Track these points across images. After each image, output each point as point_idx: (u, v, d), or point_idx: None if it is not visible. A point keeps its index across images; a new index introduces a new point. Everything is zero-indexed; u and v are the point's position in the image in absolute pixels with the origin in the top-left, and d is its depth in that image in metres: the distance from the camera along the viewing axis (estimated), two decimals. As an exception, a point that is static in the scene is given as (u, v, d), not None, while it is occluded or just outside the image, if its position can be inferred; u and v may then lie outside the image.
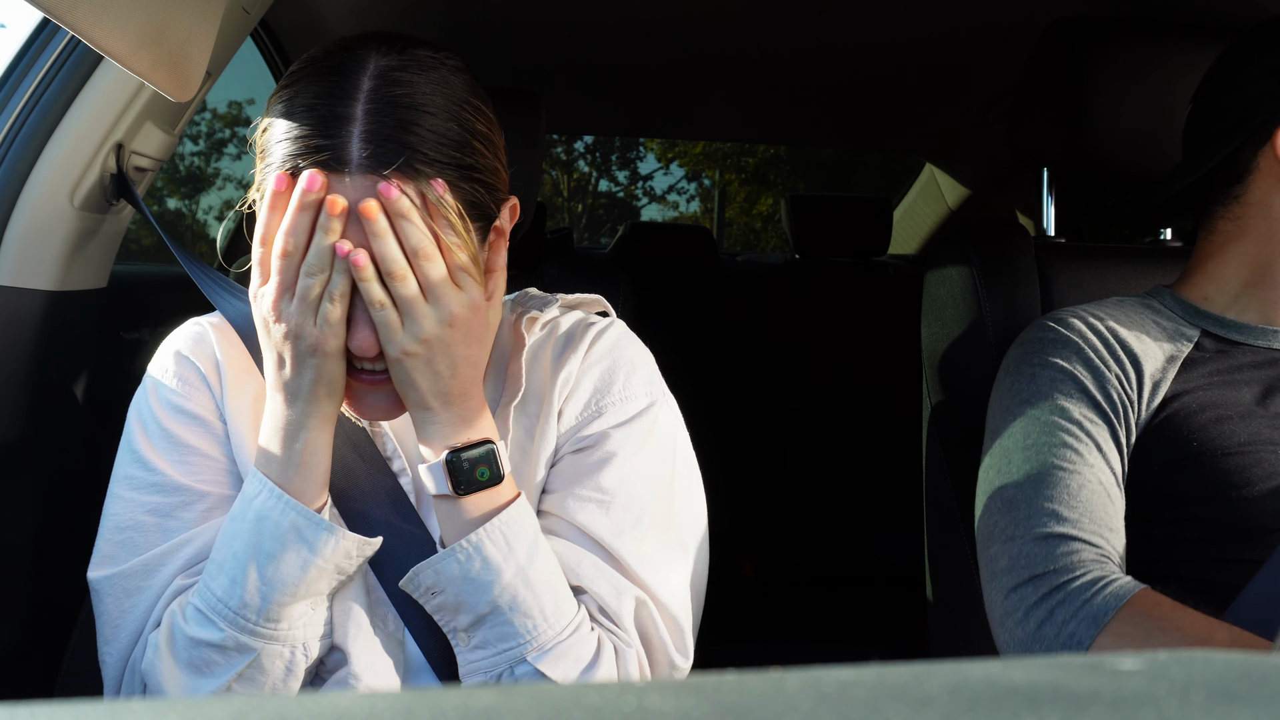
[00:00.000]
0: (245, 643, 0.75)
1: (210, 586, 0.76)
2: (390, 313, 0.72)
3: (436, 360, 0.74)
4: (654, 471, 0.85)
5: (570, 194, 13.50)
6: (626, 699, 0.23)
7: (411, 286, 0.72)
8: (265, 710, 0.23)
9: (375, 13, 1.79)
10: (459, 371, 0.75)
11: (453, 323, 0.73)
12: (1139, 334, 1.03)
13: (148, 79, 0.90)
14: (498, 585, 0.75)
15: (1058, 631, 0.86)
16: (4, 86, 1.12)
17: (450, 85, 0.74)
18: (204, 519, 0.82)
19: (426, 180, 0.71)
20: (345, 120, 0.70)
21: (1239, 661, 0.25)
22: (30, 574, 1.16)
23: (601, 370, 0.87)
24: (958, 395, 1.27)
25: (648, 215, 14.13)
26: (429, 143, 0.71)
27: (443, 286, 0.73)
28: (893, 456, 2.58)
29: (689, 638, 0.81)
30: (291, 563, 0.74)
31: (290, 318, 0.72)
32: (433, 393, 0.75)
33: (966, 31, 1.86)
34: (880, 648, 2.23)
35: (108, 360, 1.41)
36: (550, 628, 0.75)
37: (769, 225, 12.17)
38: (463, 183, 0.74)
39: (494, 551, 0.75)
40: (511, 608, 0.75)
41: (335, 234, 0.70)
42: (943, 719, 0.21)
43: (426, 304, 0.72)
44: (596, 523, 0.81)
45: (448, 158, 0.72)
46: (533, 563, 0.76)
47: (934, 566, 1.31)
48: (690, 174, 13.68)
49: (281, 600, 0.74)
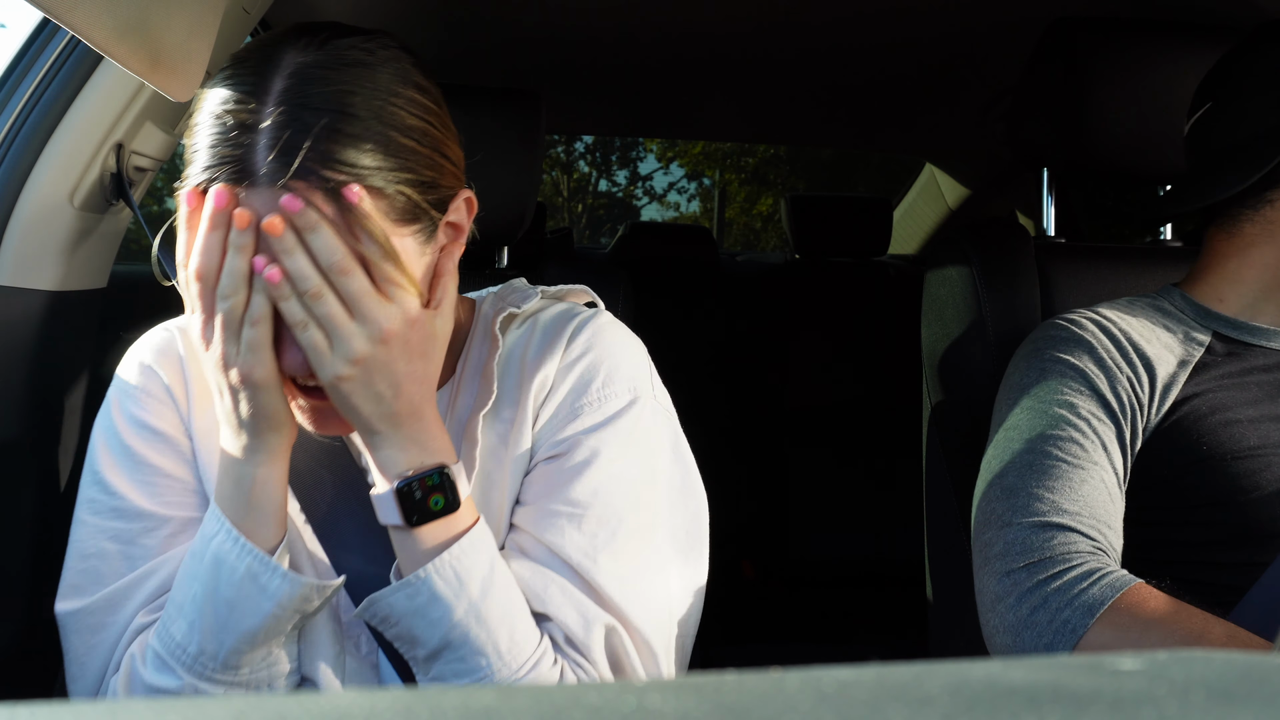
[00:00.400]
0: (203, 689, 0.72)
1: (170, 629, 0.73)
2: (315, 333, 0.67)
3: (375, 381, 0.69)
4: (634, 476, 0.79)
5: (570, 194, 13.49)
6: (626, 699, 0.23)
7: (331, 304, 0.66)
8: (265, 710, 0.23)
9: (375, 13, 1.79)
10: (403, 390, 0.70)
11: (385, 339, 0.68)
12: (1151, 337, 1.02)
13: (147, 79, 0.90)
14: (448, 622, 0.71)
15: (1051, 619, 0.85)
16: (4, 86, 1.12)
17: (375, 79, 0.69)
18: (168, 545, 0.79)
19: (340, 188, 0.66)
20: (252, 128, 0.65)
21: (1239, 661, 0.25)
22: (30, 574, 1.16)
23: (582, 368, 0.82)
24: (958, 395, 1.27)
25: (648, 215, 14.14)
26: (342, 147, 0.66)
27: (367, 301, 0.67)
28: (893, 456, 2.59)
29: (664, 661, 0.77)
30: (249, 611, 0.71)
31: (216, 346, 0.68)
32: (377, 416, 0.70)
33: (966, 31, 1.86)
34: (880, 648, 2.22)
35: (108, 360, 1.41)
36: (505, 666, 0.71)
37: (769, 225, 12.17)
38: (388, 185, 0.68)
39: (444, 588, 0.71)
40: (463, 644, 0.71)
41: (247, 251, 0.66)
42: (943, 719, 0.21)
43: (353, 322, 0.67)
44: (568, 541, 0.76)
45: (366, 161, 0.67)
46: (486, 597, 0.72)
47: (934, 566, 1.31)
48: (690, 174, 13.68)
49: (240, 648, 0.71)
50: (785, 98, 2.47)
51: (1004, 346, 1.21)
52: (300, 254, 0.65)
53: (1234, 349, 1.02)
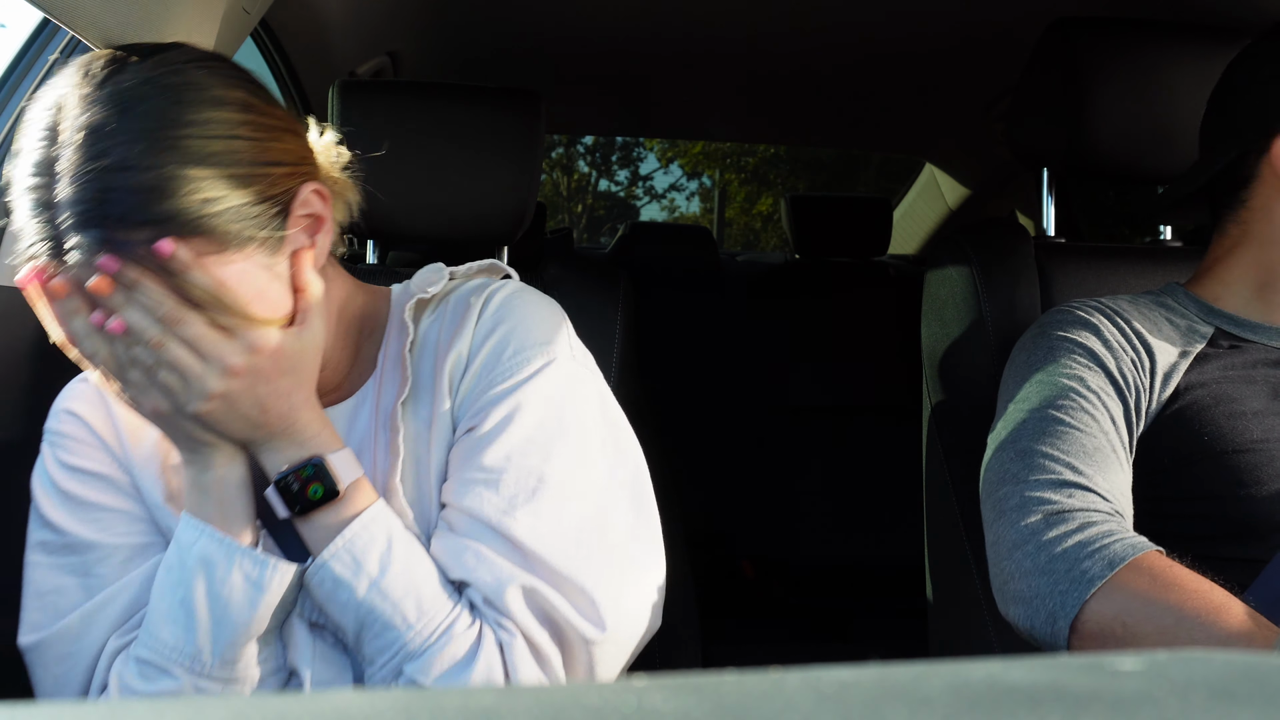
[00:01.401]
0: (204, 687, 0.73)
1: (158, 637, 0.74)
2: (167, 376, 0.69)
3: (237, 407, 0.71)
4: (550, 434, 0.78)
5: (570, 194, 13.49)
6: (626, 699, 0.23)
7: (175, 350, 0.68)
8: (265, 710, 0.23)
9: (374, 13, 1.79)
10: (269, 408, 0.72)
11: (236, 372, 0.70)
12: (1152, 326, 1.03)
13: (148, 79, 0.90)
14: (354, 602, 0.73)
15: (1070, 568, 0.83)
16: (4, 86, 1.12)
17: (162, 116, 0.67)
18: (123, 571, 0.80)
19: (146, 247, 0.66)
20: (52, 205, 0.66)
21: (1239, 661, 0.25)
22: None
23: (495, 340, 0.81)
24: (958, 395, 1.27)
25: (648, 215, 14.14)
26: (143, 202, 0.66)
27: (207, 343, 0.69)
28: (892, 457, 2.59)
29: (604, 605, 0.75)
30: (241, 604, 0.72)
31: (121, 393, 0.72)
32: (247, 432, 0.73)
33: (966, 31, 1.86)
34: (880, 648, 2.23)
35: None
36: (416, 635, 0.73)
37: (769, 225, 12.17)
38: (203, 221, 0.67)
39: (342, 569, 0.73)
40: (374, 620, 0.73)
41: (83, 312, 0.68)
42: (943, 719, 0.21)
43: (201, 362, 0.69)
44: (485, 504, 0.76)
45: (170, 207, 0.66)
46: (385, 573, 0.73)
47: (934, 566, 1.31)
48: (690, 174, 13.68)
49: (236, 642, 0.73)
50: (785, 98, 2.47)
51: (1004, 346, 1.21)
52: (133, 308, 0.67)
53: (1237, 344, 1.02)
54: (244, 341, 0.70)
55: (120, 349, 0.69)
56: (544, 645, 0.74)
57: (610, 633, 0.75)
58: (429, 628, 0.73)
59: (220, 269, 0.69)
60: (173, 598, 0.73)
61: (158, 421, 0.73)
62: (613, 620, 0.75)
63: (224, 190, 0.68)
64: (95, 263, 0.65)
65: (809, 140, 3.45)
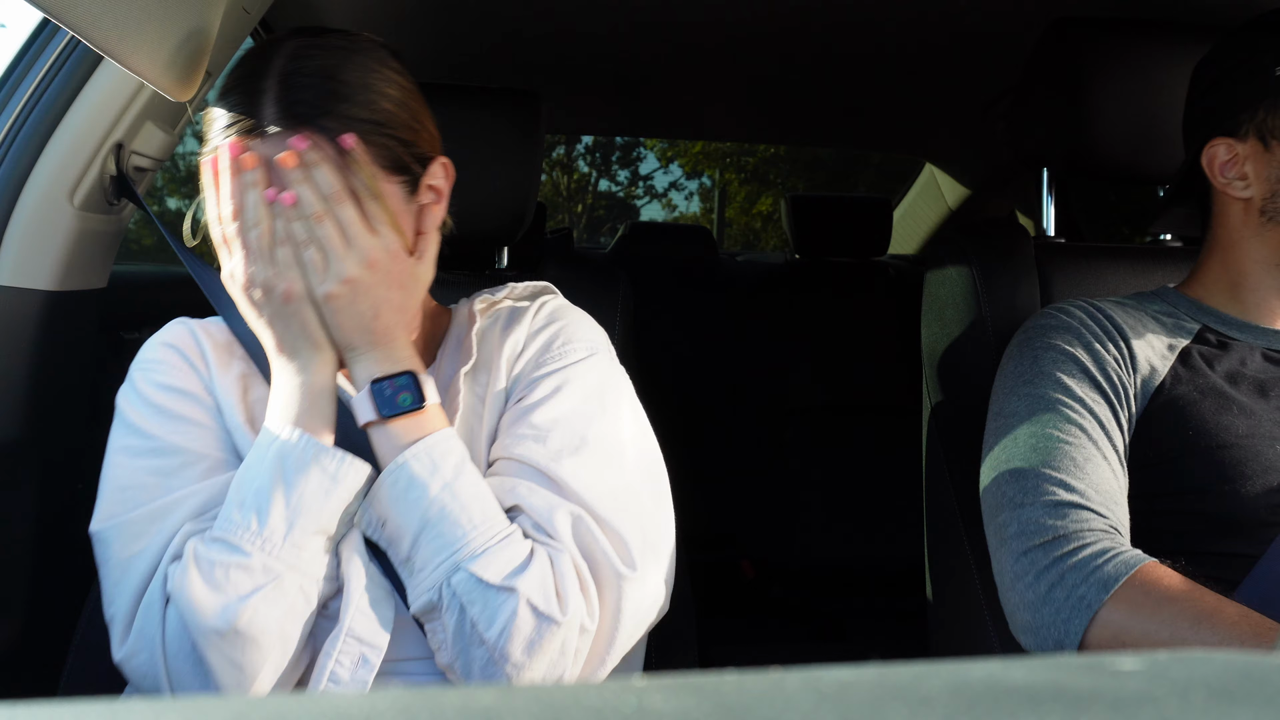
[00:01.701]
0: (271, 565, 0.77)
1: (233, 519, 0.78)
2: (315, 253, 0.79)
3: (359, 301, 0.80)
4: (593, 410, 0.87)
5: (570, 194, 13.49)
6: (627, 699, 0.23)
7: (329, 228, 0.79)
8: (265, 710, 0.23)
9: (375, 13, 1.79)
10: (381, 314, 0.81)
11: (371, 265, 0.80)
12: (1136, 323, 1.04)
13: (148, 79, 0.90)
14: (425, 500, 0.78)
15: (1067, 595, 0.87)
16: (4, 86, 1.12)
17: (359, 54, 0.83)
18: (205, 477, 0.84)
19: (337, 135, 0.79)
20: (261, 92, 0.80)
21: (1239, 661, 0.25)
22: (31, 574, 1.16)
23: (546, 335, 0.93)
24: (958, 395, 1.27)
25: (648, 215, 14.14)
26: (336, 103, 0.80)
27: (355, 228, 0.80)
28: (893, 456, 2.59)
29: (635, 549, 0.81)
30: (314, 493, 0.78)
31: (257, 276, 0.80)
32: (357, 331, 0.81)
33: (966, 31, 1.86)
34: (880, 648, 2.23)
35: (108, 360, 1.41)
36: (480, 534, 0.78)
37: (769, 225, 12.17)
38: (375, 136, 0.82)
39: (419, 468, 0.79)
40: (440, 519, 0.78)
41: (260, 185, 0.79)
42: (943, 719, 0.21)
43: (345, 247, 0.79)
44: (533, 452, 0.84)
45: (357, 115, 0.81)
46: (459, 478, 0.80)
47: (934, 566, 1.31)
48: (690, 173, 13.68)
49: (305, 528, 0.78)
50: (785, 98, 2.47)
51: (1004, 346, 1.21)
52: (305, 185, 0.79)
53: (1223, 340, 1.03)
54: (383, 240, 0.81)
55: (280, 224, 0.79)
56: (584, 573, 0.79)
57: (640, 573, 0.81)
58: (491, 530, 0.79)
59: (378, 181, 0.82)
60: (249, 487, 0.78)
61: (281, 310, 0.80)
62: (642, 562, 0.81)
63: (395, 123, 0.84)
64: (288, 141, 0.78)
65: (809, 140, 3.45)
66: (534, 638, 0.75)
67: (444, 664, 0.79)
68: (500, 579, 0.76)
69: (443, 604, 0.77)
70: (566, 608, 0.76)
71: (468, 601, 0.76)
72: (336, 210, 0.79)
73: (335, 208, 0.79)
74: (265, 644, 0.75)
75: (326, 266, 0.79)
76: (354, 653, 0.79)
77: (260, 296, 0.80)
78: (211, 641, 0.75)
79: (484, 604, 0.76)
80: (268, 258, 0.79)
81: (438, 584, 0.77)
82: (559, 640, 0.76)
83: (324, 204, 0.79)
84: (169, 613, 0.77)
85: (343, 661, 0.79)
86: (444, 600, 0.77)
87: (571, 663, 0.77)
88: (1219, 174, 1.04)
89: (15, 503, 1.15)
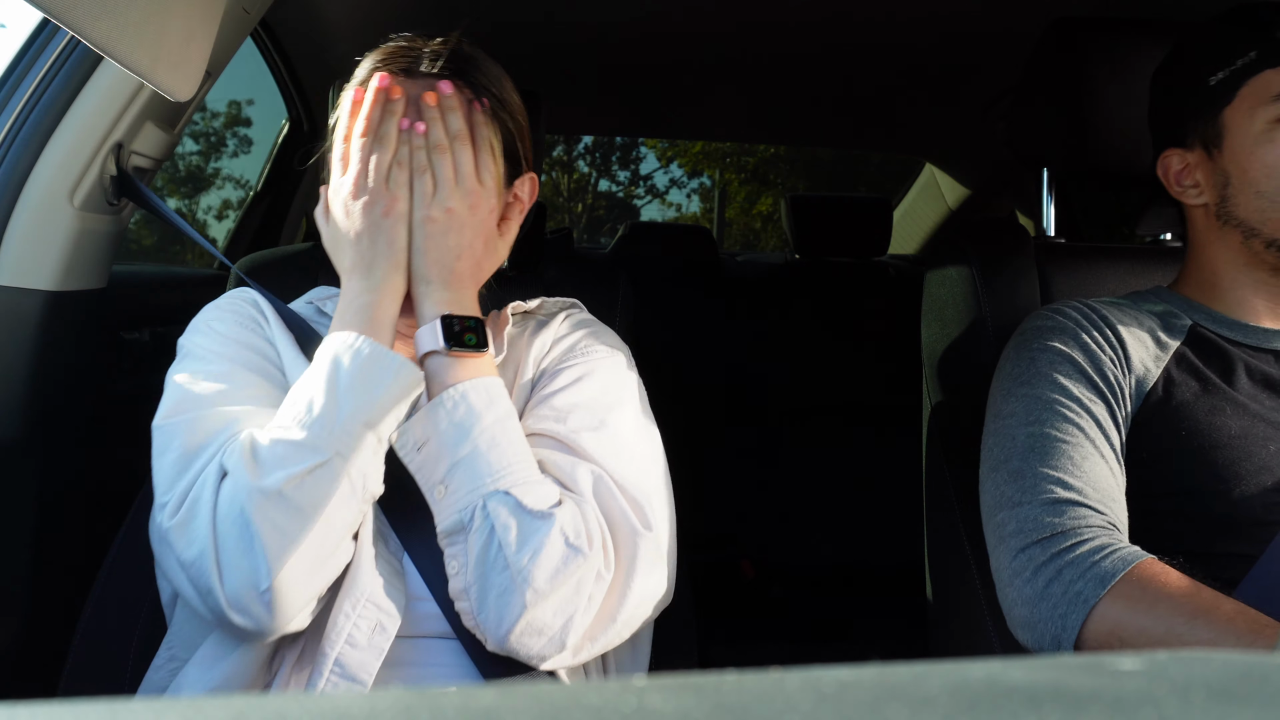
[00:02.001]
0: (320, 445, 0.79)
1: (286, 410, 0.82)
2: (428, 180, 0.88)
3: (451, 234, 0.88)
4: (610, 400, 0.93)
5: (570, 194, 13.50)
6: (626, 699, 0.23)
7: (447, 162, 0.89)
8: (265, 710, 0.23)
9: (375, 13, 1.79)
10: (463, 256, 0.89)
11: (472, 207, 0.90)
12: (1131, 324, 1.05)
13: (148, 79, 0.90)
14: (479, 428, 0.83)
15: (1064, 590, 0.87)
16: (4, 86, 1.12)
17: (493, 66, 0.98)
18: (267, 405, 0.87)
19: (473, 98, 0.93)
20: (416, 48, 0.94)
21: (1239, 661, 0.25)
22: (31, 574, 1.16)
23: (572, 338, 1.01)
24: (958, 395, 1.27)
25: (648, 215, 14.14)
26: (480, 74, 0.95)
27: (468, 169, 0.90)
28: (892, 456, 2.59)
29: (651, 512, 0.85)
30: (367, 387, 0.81)
31: (365, 189, 0.88)
32: (439, 264, 0.88)
33: (967, 32, 1.86)
34: (880, 648, 2.23)
35: (108, 360, 1.41)
36: (523, 469, 0.83)
37: (769, 225, 12.17)
38: (501, 114, 0.95)
39: (478, 399, 0.84)
40: (490, 447, 0.83)
41: (398, 114, 0.89)
42: (943, 719, 0.21)
43: (455, 182, 0.89)
44: (554, 428, 0.90)
45: (492, 91, 0.95)
46: (509, 419, 0.85)
47: (934, 566, 1.31)
48: (690, 173, 13.68)
49: (356, 416, 0.80)
50: (785, 98, 2.47)
51: (1004, 346, 1.21)
52: (439, 123, 0.90)
53: (1216, 340, 1.04)
54: (486, 191, 0.91)
55: (404, 151, 0.89)
56: (604, 526, 0.83)
57: (655, 533, 0.85)
58: (531, 468, 0.84)
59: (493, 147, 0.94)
60: (306, 393, 0.82)
61: (379, 224, 0.87)
62: (656, 523, 0.85)
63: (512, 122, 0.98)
64: (437, 84, 0.91)
65: (809, 140, 3.45)
66: (560, 566, 0.78)
67: (457, 590, 0.82)
68: (540, 507, 0.80)
69: (472, 525, 0.81)
70: (593, 545, 0.80)
71: (501, 526, 0.79)
72: (456, 149, 0.89)
73: (456, 147, 0.89)
74: (310, 515, 0.77)
75: (434, 195, 0.88)
76: (371, 618, 0.82)
77: (363, 208, 0.87)
78: (258, 502, 0.76)
79: (519, 528, 0.79)
80: (384, 175, 0.88)
81: (472, 506, 0.81)
82: (579, 575, 0.79)
83: (448, 140, 0.89)
84: (224, 485, 0.79)
85: (360, 625, 0.81)
86: (474, 522, 0.81)
87: (584, 608, 0.79)
88: (1174, 183, 1.07)
89: (15, 503, 1.15)
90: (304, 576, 0.77)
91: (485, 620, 0.79)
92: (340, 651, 0.80)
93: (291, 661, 0.83)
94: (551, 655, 0.80)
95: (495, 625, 0.79)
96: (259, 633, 0.77)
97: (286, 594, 0.76)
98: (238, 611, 0.76)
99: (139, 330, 1.51)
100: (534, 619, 0.78)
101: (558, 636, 0.79)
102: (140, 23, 0.82)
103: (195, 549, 0.77)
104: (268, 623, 0.76)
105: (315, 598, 0.79)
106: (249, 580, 0.75)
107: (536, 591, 0.78)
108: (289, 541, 0.76)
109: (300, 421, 0.80)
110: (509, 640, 0.79)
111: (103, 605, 1.05)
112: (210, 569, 0.76)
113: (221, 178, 6.54)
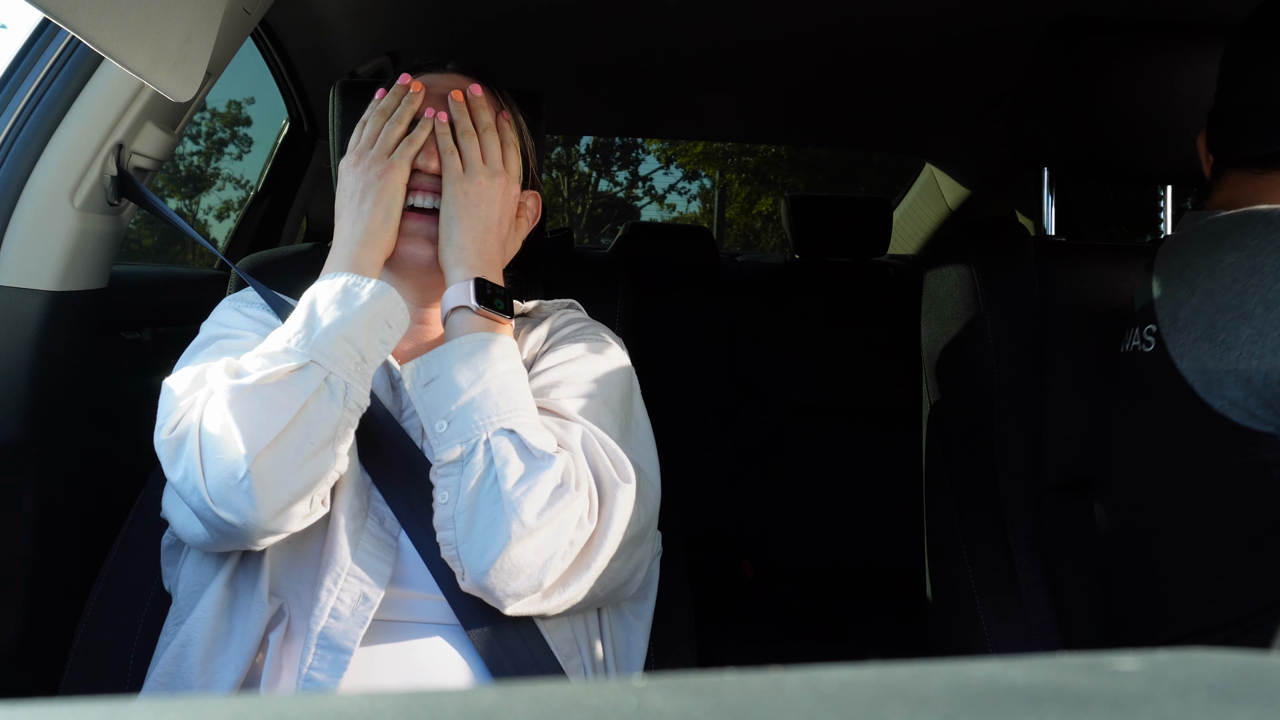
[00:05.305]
0: (298, 353, 0.82)
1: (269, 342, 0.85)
2: (455, 159, 0.95)
3: (482, 205, 0.94)
4: (598, 377, 0.97)
5: (570, 194, 13.50)
6: (627, 699, 0.23)
7: (475, 146, 0.96)
8: (265, 710, 0.23)
9: (375, 14, 1.79)
10: (491, 231, 0.94)
11: (501, 186, 0.96)
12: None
13: (148, 79, 0.90)
14: (492, 372, 0.87)
15: None
16: (4, 86, 1.12)
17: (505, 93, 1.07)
18: None
19: (501, 107, 1.02)
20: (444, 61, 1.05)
21: (1239, 661, 0.25)
22: (32, 574, 1.16)
23: (568, 330, 1.05)
24: (957, 395, 1.27)
25: (648, 215, 14.13)
26: (501, 91, 1.05)
27: (495, 155, 0.97)
28: (892, 456, 2.59)
29: (629, 468, 0.89)
30: (344, 304, 0.84)
31: (368, 154, 0.95)
32: (470, 234, 0.93)
33: (967, 32, 1.86)
34: (880, 648, 2.23)
35: (108, 360, 1.41)
36: (529, 415, 0.86)
37: (769, 225, 12.17)
38: (518, 129, 1.04)
39: (495, 349, 0.88)
40: (501, 390, 0.86)
41: (416, 104, 0.98)
42: (943, 719, 0.21)
43: (479, 160, 0.95)
44: (546, 400, 0.93)
45: (512, 101, 1.05)
46: (522, 375, 0.89)
47: (933, 566, 1.31)
48: (690, 174, 13.68)
49: (333, 329, 0.83)
50: (785, 98, 2.47)
51: (1003, 346, 1.21)
52: (466, 114, 0.98)
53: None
54: (510, 181, 0.97)
55: (416, 132, 0.95)
56: (591, 481, 0.86)
57: (632, 485, 0.88)
58: (536, 418, 0.87)
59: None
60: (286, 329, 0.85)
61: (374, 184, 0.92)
62: (634, 477, 0.89)
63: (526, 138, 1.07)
64: (469, 86, 1.00)
65: (809, 140, 3.45)
66: (550, 502, 0.81)
67: (443, 518, 0.84)
68: (543, 449, 0.84)
69: (473, 457, 0.83)
70: (580, 488, 0.83)
71: (501, 460, 0.82)
72: (485, 139, 0.97)
73: (484, 136, 0.97)
74: (287, 409, 0.79)
75: (464, 170, 0.95)
76: (355, 590, 0.84)
77: (362, 169, 0.93)
78: (234, 397, 0.79)
79: (519, 463, 0.82)
80: (389, 146, 0.95)
81: (475, 440, 0.84)
82: (564, 515, 0.81)
83: (474, 128, 0.97)
84: (210, 400, 0.82)
85: (343, 599, 0.84)
86: (475, 455, 0.83)
87: (563, 551, 0.81)
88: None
89: (15, 503, 1.15)
90: (284, 469, 0.79)
91: (468, 552, 0.81)
92: (325, 625, 0.83)
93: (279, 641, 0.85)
94: (526, 595, 0.82)
95: (477, 557, 0.81)
96: (244, 529, 0.79)
97: (266, 484, 0.78)
98: (222, 506, 0.78)
99: (139, 330, 1.51)
100: (516, 554, 0.80)
101: (535, 575, 0.81)
102: (140, 23, 0.82)
103: (184, 454, 0.81)
104: (249, 513, 0.78)
105: (300, 497, 0.80)
106: (229, 470, 0.77)
107: (524, 525, 0.80)
108: (265, 432, 0.78)
109: (281, 342, 0.84)
110: (488, 575, 0.80)
111: (103, 605, 1.05)
112: (195, 468, 0.79)
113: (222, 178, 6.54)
